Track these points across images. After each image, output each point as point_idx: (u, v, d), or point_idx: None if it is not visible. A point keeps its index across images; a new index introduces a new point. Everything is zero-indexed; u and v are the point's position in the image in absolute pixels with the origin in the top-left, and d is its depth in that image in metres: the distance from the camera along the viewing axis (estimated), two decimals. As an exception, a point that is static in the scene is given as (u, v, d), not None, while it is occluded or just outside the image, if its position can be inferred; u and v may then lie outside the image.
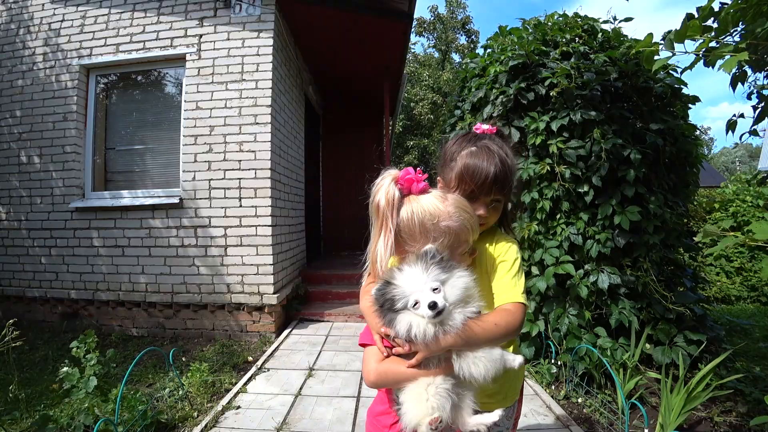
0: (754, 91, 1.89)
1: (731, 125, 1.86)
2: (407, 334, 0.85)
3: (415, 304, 0.85)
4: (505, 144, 1.07)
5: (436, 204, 0.91)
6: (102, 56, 4.06)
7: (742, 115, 1.90)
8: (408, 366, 0.89)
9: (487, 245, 1.08)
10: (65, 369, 2.14)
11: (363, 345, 1.02)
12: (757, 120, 1.78)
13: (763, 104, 1.77)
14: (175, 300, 3.85)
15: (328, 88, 6.81)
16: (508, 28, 3.53)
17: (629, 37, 3.12)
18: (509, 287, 1.00)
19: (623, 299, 2.75)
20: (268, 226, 3.80)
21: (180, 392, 2.55)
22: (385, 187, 0.92)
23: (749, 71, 1.63)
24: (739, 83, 1.67)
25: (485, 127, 1.10)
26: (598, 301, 2.78)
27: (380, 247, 0.92)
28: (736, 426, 2.26)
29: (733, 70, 1.56)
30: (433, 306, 0.82)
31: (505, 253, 1.05)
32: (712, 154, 46.48)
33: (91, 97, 4.18)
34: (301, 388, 2.70)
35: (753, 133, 1.90)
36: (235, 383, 2.79)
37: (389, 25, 4.24)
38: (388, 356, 0.93)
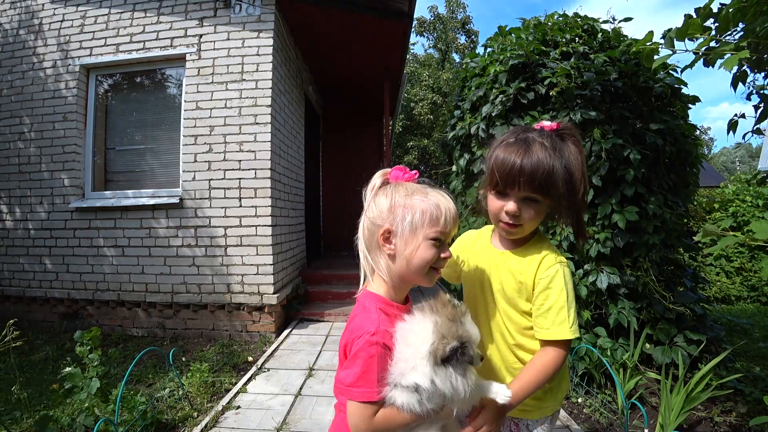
0: (753, 91, 1.90)
1: (732, 125, 1.86)
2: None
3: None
4: (560, 142, 0.96)
5: (414, 185, 0.90)
6: (102, 56, 4.06)
7: (743, 115, 1.90)
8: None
9: (531, 262, 0.99)
10: (68, 369, 2.14)
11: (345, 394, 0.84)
12: (759, 120, 1.78)
13: (764, 104, 1.77)
14: (175, 300, 3.85)
15: (328, 88, 6.81)
16: (507, 28, 3.53)
17: (629, 37, 3.12)
18: (557, 321, 0.92)
19: (623, 299, 2.75)
20: (268, 226, 3.80)
21: (180, 392, 2.55)
22: (372, 179, 0.94)
23: (749, 71, 1.64)
24: (740, 83, 1.67)
25: (546, 123, 1.00)
26: (598, 301, 2.78)
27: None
28: (736, 426, 2.26)
29: (734, 70, 1.56)
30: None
31: (553, 279, 0.94)
32: (712, 154, 46.50)
33: (91, 97, 4.18)
34: (301, 388, 2.70)
35: (756, 132, 1.90)
36: (235, 383, 2.78)
37: (389, 25, 4.24)
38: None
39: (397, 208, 0.87)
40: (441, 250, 0.88)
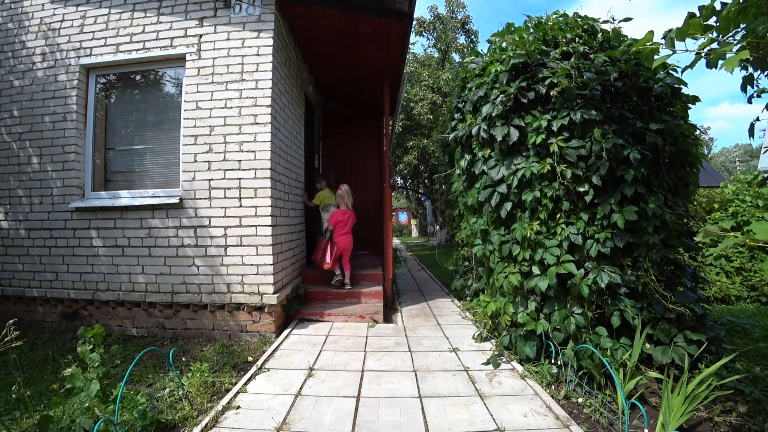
0: (755, 93, 1.90)
1: (752, 129, 1.88)
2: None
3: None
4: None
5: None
6: (102, 56, 4.06)
7: (757, 119, 1.92)
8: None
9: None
10: (69, 369, 2.13)
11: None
12: None
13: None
14: (175, 300, 3.85)
15: (328, 88, 6.80)
16: (512, 27, 3.53)
17: (629, 37, 3.12)
18: None
19: (624, 299, 2.75)
20: (268, 226, 3.80)
21: (180, 392, 2.55)
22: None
23: (753, 72, 1.64)
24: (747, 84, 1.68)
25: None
26: (599, 300, 2.78)
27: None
28: (736, 426, 2.26)
29: (740, 72, 1.56)
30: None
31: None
32: (712, 154, 46.56)
33: (91, 97, 4.18)
34: (301, 388, 2.70)
35: None
36: (235, 383, 2.78)
37: (389, 25, 4.24)
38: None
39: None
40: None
